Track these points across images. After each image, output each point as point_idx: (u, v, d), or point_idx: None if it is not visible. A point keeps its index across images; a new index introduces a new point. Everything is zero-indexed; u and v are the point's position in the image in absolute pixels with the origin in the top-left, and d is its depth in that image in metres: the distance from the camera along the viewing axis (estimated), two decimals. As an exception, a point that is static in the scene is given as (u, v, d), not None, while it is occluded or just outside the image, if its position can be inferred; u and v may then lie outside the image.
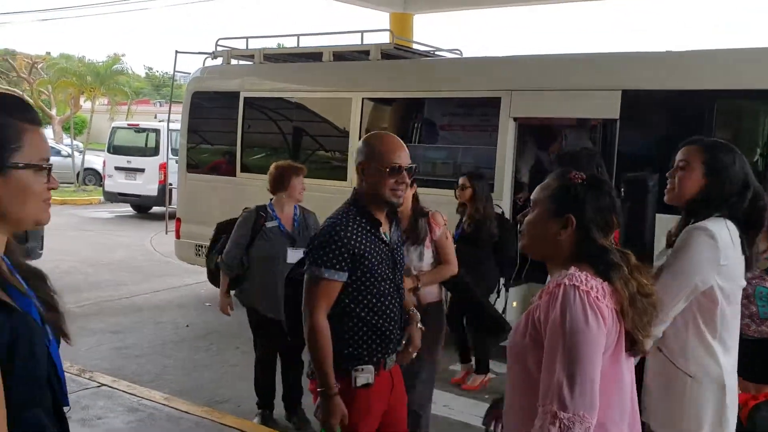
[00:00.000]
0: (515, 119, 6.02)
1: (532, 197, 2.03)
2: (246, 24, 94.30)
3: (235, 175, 7.77)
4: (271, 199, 4.59)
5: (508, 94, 6.02)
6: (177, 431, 4.40)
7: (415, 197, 3.84)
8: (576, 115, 5.98)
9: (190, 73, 8.68)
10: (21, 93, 28.43)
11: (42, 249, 8.26)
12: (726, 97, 5.27)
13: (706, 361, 2.40)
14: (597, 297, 1.79)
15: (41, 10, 39.66)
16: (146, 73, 48.81)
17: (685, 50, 5.64)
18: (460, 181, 5.29)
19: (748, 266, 2.53)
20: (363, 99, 6.98)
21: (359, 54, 7.42)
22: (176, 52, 8.57)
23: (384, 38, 7.63)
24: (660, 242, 2.72)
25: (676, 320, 2.38)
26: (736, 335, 2.50)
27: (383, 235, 2.70)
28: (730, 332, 2.45)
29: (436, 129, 6.84)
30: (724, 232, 2.37)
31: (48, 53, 36.36)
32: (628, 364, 1.92)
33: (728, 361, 2.44)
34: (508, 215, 5.85)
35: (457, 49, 8.08)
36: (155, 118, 20.28)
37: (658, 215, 3.26)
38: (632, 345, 1.89)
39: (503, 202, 5.97)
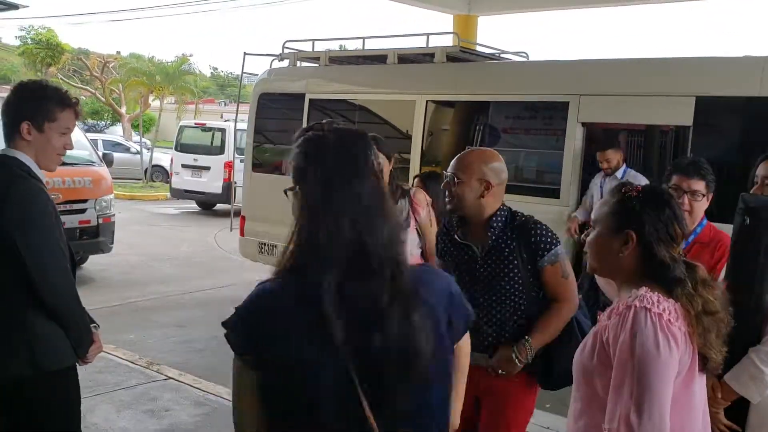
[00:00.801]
0: (583, 124, 5.92)
1: (592, 216, 2.01)
2: (311, 25, 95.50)
3: (298, 175, 7.87)
4: None
5: (577, 99, 5.92)
6: (240, 426, 4.50)
7: (392, 175, 3.76)
8: (647, 122, 5.83)
9: (257, 75, 8.84)
10: (93, 91, 29.53)
11: (112, 243, 8.59)
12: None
13: None
14: (669, 320, 1.73)
15: (113, 11, 41.13)
16: (211, 73, 50.05)
17: (763, 55, 5.43)
18: (415, 183, 4.86)
19: None
20: (427, 101, 6.98)
21: (424, 57, 7.42)
22: (244, 54, 8.76)
23: (449, 41, 7.61)
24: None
25: None
26: None
27: (473, 247, 2.76)
28: None
29: (501, 132, 6.78)
30: None
31: (118, 52, 37.69)
32: (701, 384, 1.86)
33: None
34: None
35: (523, 52, 8.01)
36: (221, 117, 20.75)
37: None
38: (705, 363, 1.82)
39: (570, 207, 5.89)
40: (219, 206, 15.24)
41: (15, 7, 7.24)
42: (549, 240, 2.70)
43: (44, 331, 2.51)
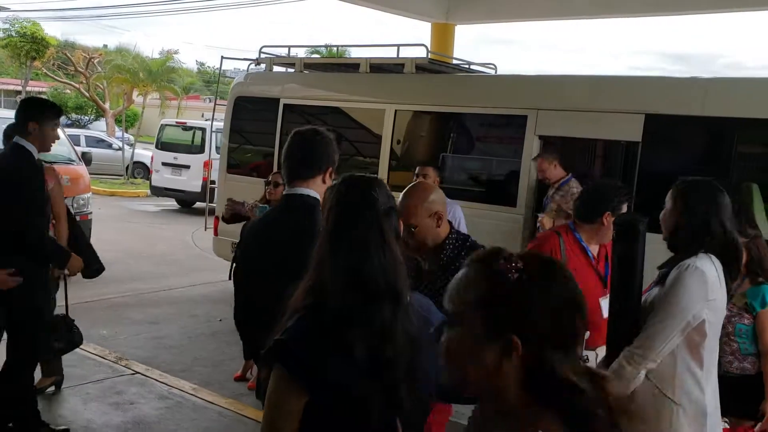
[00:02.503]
0: (540, 137, 6.21)
1: (446, 303, 1.30)
2: (291, 28, 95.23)
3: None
4: None
5: (534, 113, 6.21)
6: (201, 420, 4.73)
7: None
8: (598, 136, 6.12)
9: (236, 76, 9.07)
10: (78, 85, 29.52)
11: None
12: (747, 126, 5.35)
13: (692, 390, 2.56)
14: None
15: (98, 7, 40.97)
16: (198, 69, 49.97)
17: (710, 77, 5.74)
18: (271, 177, 5.58)
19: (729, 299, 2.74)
20: (396, 110, 7.25)
21: (395, 66, 7.68)
22: (222, 57, 9.00)
23: (421, 50, 7.86)
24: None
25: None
26: (716, 364, 2.69)
27: (420, 261, 2.86)
28: (713, 362, 2.64)
29: (464, 142, 7.07)
30: (711, 268, 2.54)
31: (105, 46, 37.59)
32: None
33: (710, 388, 2.61)
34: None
35: (491, 64, 8.28)
36: (202, 116, 20.90)
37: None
38: None
39: (524, 215, 6.17)
40: (198, 204, 15.39)
41: (-4, 9, 7.39)
42: None
43: None
